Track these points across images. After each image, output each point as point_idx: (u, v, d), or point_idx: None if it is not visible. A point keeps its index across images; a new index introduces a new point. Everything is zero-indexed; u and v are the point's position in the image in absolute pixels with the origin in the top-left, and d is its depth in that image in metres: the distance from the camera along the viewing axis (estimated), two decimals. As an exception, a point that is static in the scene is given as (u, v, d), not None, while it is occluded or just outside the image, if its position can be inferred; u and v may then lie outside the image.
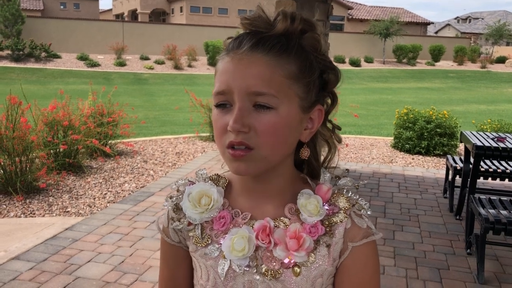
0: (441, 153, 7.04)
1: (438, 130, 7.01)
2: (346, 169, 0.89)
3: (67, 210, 4.45)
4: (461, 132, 4.59)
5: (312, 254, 0.81)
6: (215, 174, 0.91)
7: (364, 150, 7.61)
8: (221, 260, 0.83)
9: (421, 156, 7.13)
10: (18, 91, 5.36)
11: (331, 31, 33.03)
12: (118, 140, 6.73)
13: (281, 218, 0.82)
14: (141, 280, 3.07)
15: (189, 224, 0.86)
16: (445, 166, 5.27)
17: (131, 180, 5.46)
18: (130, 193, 4.98)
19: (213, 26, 30.15)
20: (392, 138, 7.88)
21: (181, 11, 38.94)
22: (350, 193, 0.85)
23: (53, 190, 4.93)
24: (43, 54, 24.19)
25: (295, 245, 0.79)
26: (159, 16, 43.04)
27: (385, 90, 21.33)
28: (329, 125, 0.89)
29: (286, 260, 0.80)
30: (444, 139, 7.07)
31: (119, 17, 46.60)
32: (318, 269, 0.81)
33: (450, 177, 4.83)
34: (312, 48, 0.80)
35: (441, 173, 5.89)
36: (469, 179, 4.08)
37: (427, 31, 46.92)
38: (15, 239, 3.70)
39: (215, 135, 0.80)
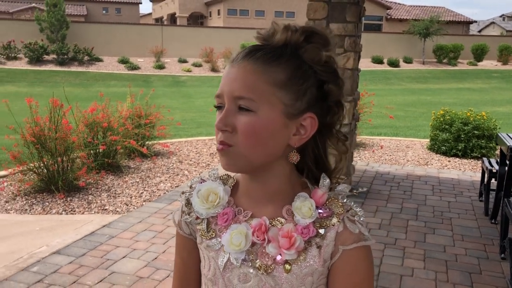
0: (479, 156, 6.84)
1: (476, 132, 6.84)
2: (342, 177, 0.93)
3: (105, 208, 4.65)
4: (497, 134, 4.50)
5: (303, 254, 0.86)
6: (225, 174, 0.98)
7: (399, 152, 7.51)
8: (221, 253, 0.90)
9: (457, 159, 6.97)
10: (61, 94, 5.61)
11: (369, 31, 32.59)
12: (155, 141, 6.93)
13: (278, 218, 0.88)
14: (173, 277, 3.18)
15: (197, 218, 0.94)
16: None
17: (166, 180, 5.62)
18: (165, 193, 5.14)
19: (249, 28, 30.29)
20: (429, 140, 7.74)
21: (218, 14, 39.39)
22: (346, 199, 0.89)
23: (92, 188, 5.15)
24: (86, 57, 25.04)
25: (286, 244, 0.85)
26: (197, 19, 43.69)
27: (424, 91, 20.87)
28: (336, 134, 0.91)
29: (278, 257, 0.86)
30: (482, 141, 6.88)
31: (159, 21, 47.64)
32: (309, 268, 0.86)
33: (486, 180, 4.73)
34: (310, 59, 0.84)
35: (478, 176, 5.75)
36: (504, 182, 4.00)
37: (469, 30, 45.52)
38: (56, 235, 3.91)
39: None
